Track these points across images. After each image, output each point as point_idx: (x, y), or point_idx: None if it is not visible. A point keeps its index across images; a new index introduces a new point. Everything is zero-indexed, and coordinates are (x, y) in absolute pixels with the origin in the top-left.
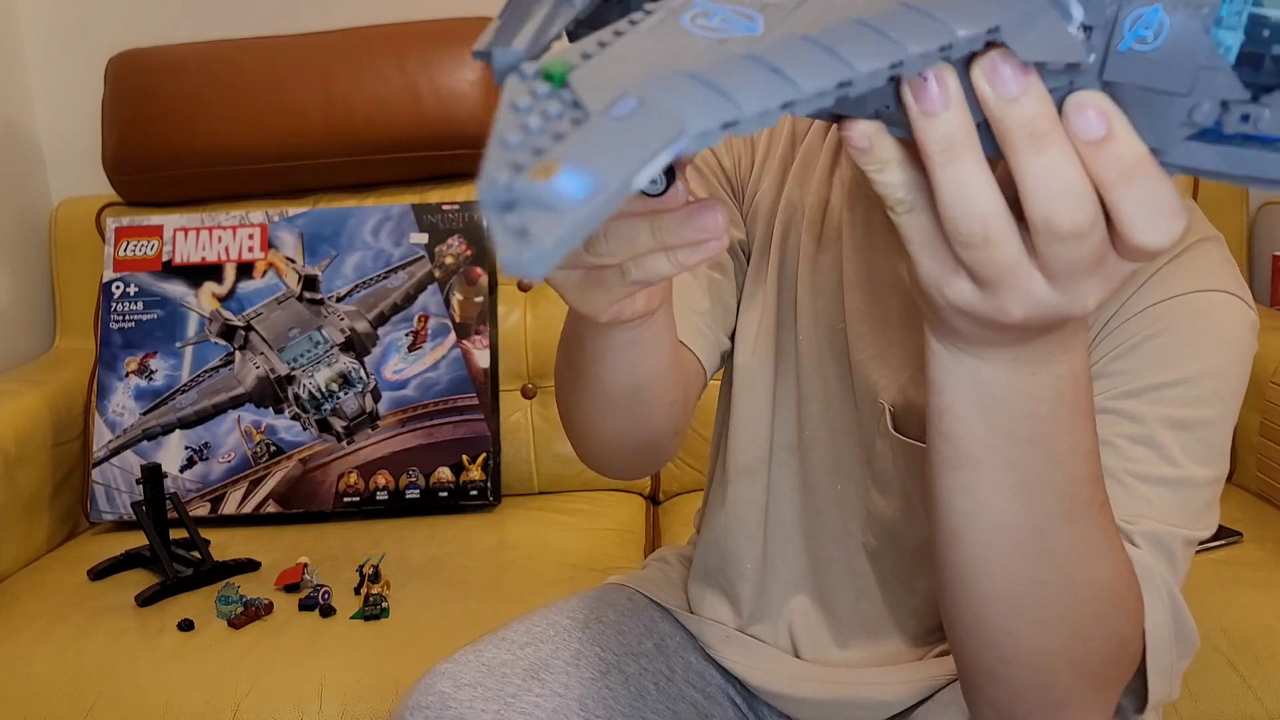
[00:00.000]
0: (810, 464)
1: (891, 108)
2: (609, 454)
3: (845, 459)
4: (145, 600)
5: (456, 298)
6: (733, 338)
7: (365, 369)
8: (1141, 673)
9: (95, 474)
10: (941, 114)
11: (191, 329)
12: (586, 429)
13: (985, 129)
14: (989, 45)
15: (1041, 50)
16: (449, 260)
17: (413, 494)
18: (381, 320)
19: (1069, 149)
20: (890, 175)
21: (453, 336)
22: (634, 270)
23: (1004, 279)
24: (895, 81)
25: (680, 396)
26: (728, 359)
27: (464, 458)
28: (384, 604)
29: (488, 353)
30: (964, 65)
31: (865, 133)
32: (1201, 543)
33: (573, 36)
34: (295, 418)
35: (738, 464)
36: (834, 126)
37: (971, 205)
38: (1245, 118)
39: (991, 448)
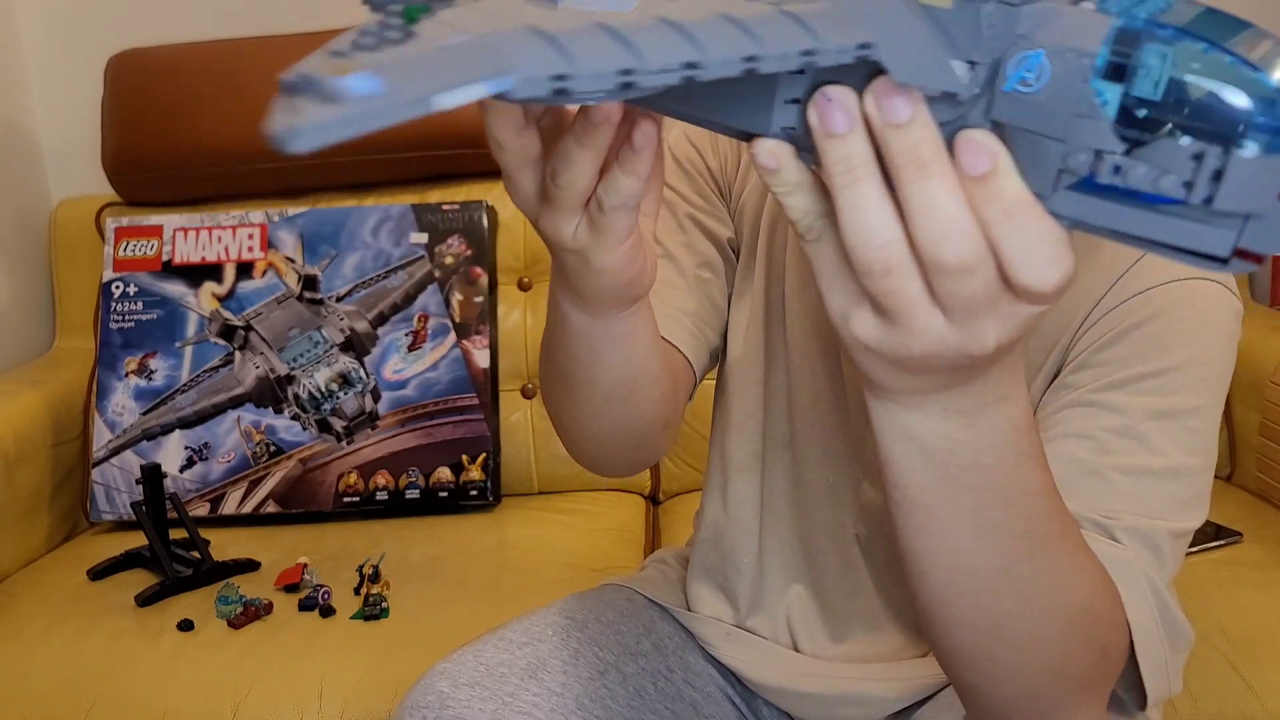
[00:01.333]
0: (802, 457)
1: (798, 129)
2: (604, 452)
3: (836, 451)
4: (145, 600)
5: (456, 297)
6: (724, 335)
7: (365, 369)
8: (1137, 669)
9: (95, 474)
10: (844, 136)
11: (191, 329)
12: (582, 431)
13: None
14: (867, 67)
15: (919, 76)
16: (449, 260)
17: (412, 494)
18: (381, 320)
19: (953, 182)
20: (797, 200)
21: (452, 336)
22: (608, 194)
23: (904, 312)
24: (802, 104)
25: (669, 388)
26: (721, 357)
27: (464, 458)
28: (384, 604)
29: (488, 353)
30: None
31: (772, 152)
32: (1202, 543)
33: None
34: (295, 418)
35: (733, 460)
36: None
37: (870, 232)
38: (1117, 169)
39: (940, 495)
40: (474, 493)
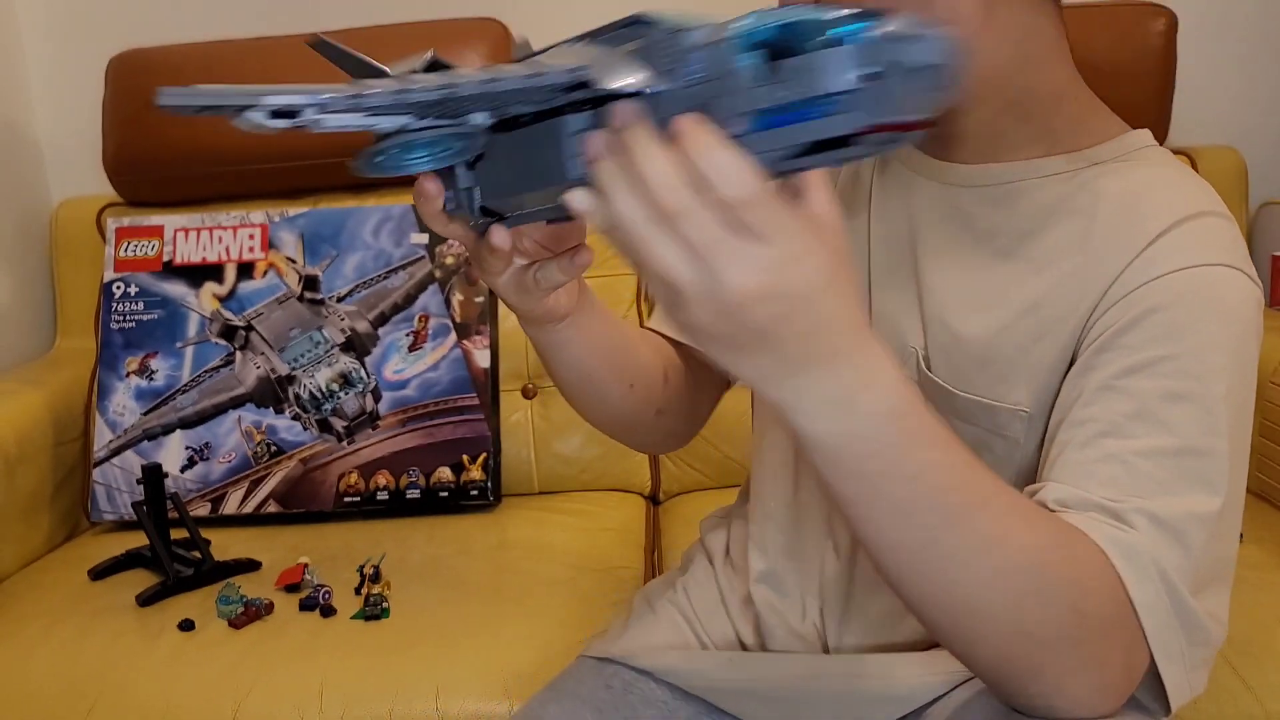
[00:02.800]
0: None
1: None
2: (605, 427)
3: None
4: (146, 600)
5: (457, 298)
6: None
7: (366, 369)
8: (1155, 670)
9: (96, 474)
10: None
11: (192, 329)
12: (585, 415)
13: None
14: (588, 91)
15: (615, 79)
16: (449, 260)
17: (413, 494)
18: (382, 320)
19: (667, 152)
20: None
21: (453, 336)
22: (541, 277)
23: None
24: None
25: (640, 380)
26: None
27: (464, 458)
28: (384, 604)
29: (488, 353)
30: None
31: (583, 198)
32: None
33: None
34: (296, 418)
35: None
36: None
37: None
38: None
39: (851, 488)
40: (474, 493)
